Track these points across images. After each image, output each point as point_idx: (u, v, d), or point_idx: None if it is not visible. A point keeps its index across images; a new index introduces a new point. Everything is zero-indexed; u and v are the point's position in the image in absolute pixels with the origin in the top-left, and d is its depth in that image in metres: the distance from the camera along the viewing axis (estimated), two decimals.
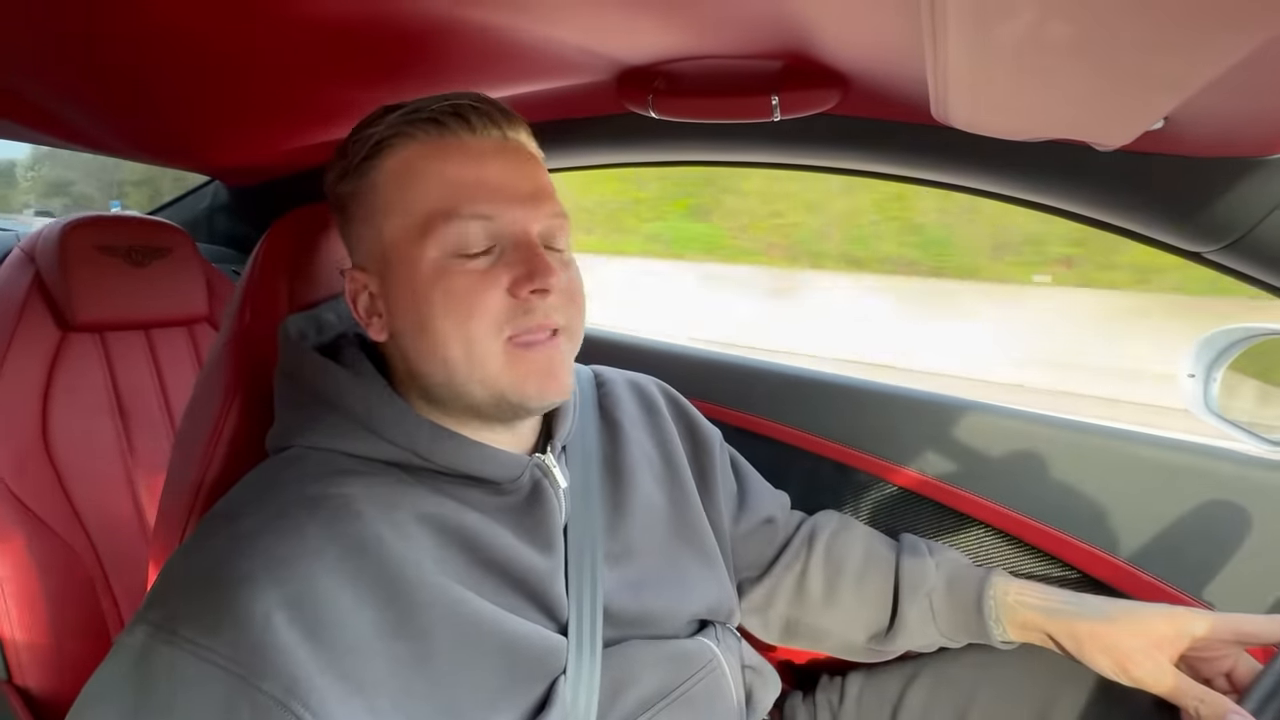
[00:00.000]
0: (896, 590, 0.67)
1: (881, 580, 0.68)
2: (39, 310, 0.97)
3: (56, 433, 0.94)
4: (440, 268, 0.47)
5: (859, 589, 0.69)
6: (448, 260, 0.47)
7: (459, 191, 0.47)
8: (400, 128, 0.49)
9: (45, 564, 0.88)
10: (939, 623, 0.65)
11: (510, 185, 0.49)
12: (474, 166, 0.48)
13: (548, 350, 0.49)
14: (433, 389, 0.50)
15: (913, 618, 0.66)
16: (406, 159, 0.49)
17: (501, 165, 0.49)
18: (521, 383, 0.48)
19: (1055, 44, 0.34)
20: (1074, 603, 0.60)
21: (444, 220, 0.47)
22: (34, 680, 0.84)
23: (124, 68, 0.73)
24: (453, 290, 0.46)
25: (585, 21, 0.57)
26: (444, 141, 0.49)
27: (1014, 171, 0.66)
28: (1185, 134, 0.50)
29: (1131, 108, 0.42)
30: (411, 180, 0.48)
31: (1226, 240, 0.58)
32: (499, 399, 0.48)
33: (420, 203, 0.48)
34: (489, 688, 0.45)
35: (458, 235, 0.47)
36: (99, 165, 2.62)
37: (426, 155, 0.48)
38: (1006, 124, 0.50)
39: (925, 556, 0.69)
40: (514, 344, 0.47)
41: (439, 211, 0.47)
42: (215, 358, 0.63)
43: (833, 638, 0.70)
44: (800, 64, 0.59)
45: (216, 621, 0.38)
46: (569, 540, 0.54)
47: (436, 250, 0.47)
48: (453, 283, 0.46)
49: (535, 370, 0.48)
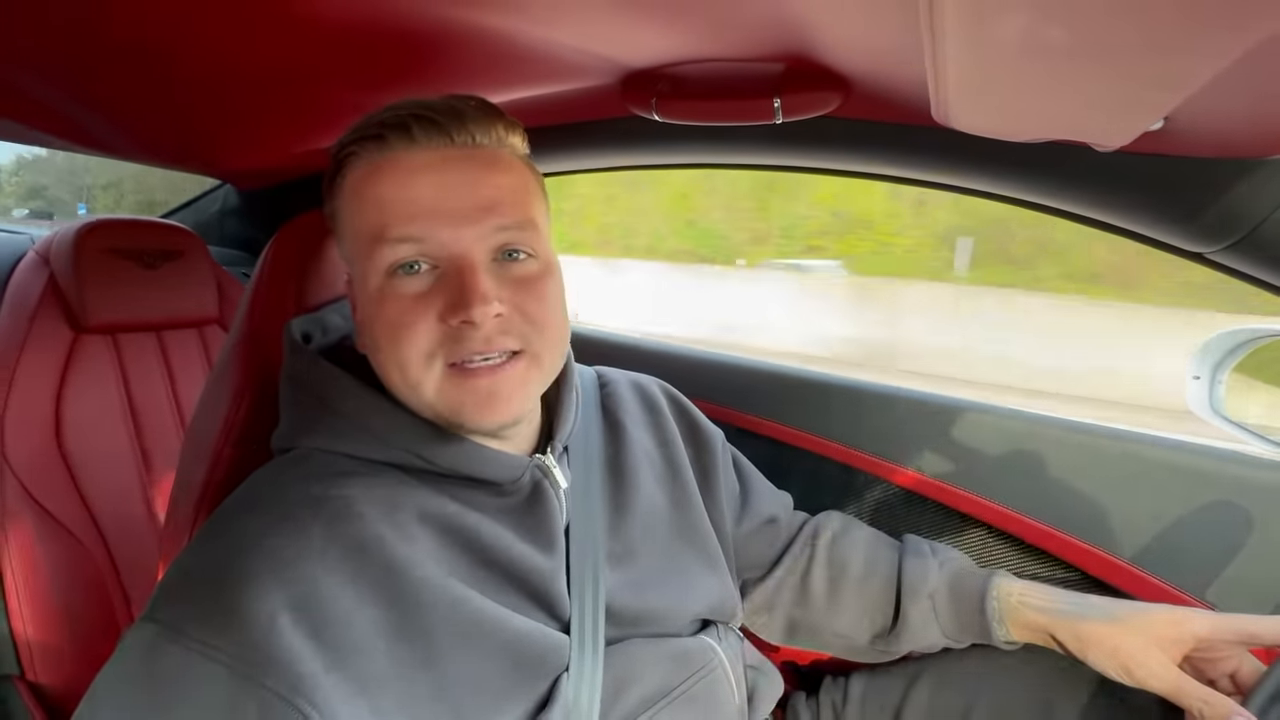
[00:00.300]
0: (899, 591, 0.67)
1: (884, 581, 0.68)
2: (53, 312, 0.99)
3: (69, 432, 0.95)
4: (380, 292, 0.46)
5: (861, 590, 0.69)
6: (386, 283, 0.46)
7: (387, 212, 0.45)
8: (349, 146, 0.48)
9: (58, 561, 0.90)
10: (942, 623, 0.65)
11: (446, 201, 0.46)
12: (405, 184, 0.46)
13: (491, 375, 0.46)
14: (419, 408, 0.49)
15: (915, 618, 0.66)
16: (356, 179, 0.48)
17: (439, 179, 0.46)
18: (458, 408, 0.46)
19: (1053, 45, 0.34)
20: (1077, 603, 0.60)
21: (376, 244, 0.45)
22: (45, 676, 0.85)
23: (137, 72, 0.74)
24: (387, 317, 0.46)
25: (589, 25, 0.58)
26: (382, 159, 0.47)
27: (1015, 173, 0.66)
28: (1185, 135, 0.50)
29: (1130, 108, 0.42)
30: (357, 201, 0.48)
31: (1228, 241, 0.58)
32: (442, 420, 0.47)
33: (361, 225, 0.47)
34: (492, 686, 0.46)
35: (390, 259, 0.45)
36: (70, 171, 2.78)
37: (368, 175, 0.47)
38: (1006, 125, 0.50)
39: (928, 557, 0.69)
40: (454, 369, 0.46)
41: (371, 235, 0.46)
42: (224, 359, 0.64)
43: (835, 638, 0.70)
44: (802, 67, 0.59)
45: (222, 621, 0.39)
46: (570, 540, 0.55)
47: (376, 275, 0.46)
48: (387, 308, 0.45)
49: (473, 396, 0.46)
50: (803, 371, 0.90)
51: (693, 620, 0.61)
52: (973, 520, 0.77)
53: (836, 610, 0.69)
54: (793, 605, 0.71)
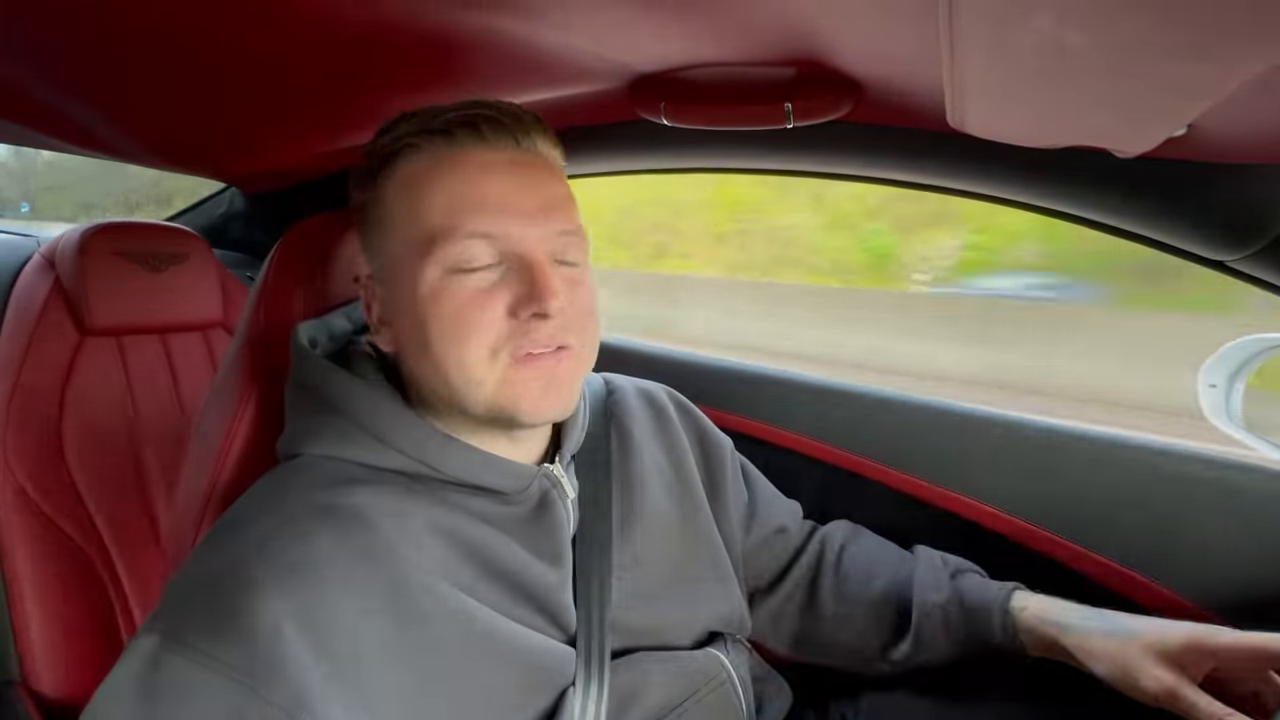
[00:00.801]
0: (910, 603, 0.66)
1: (895, 592, 0.67)
2: (58, 315, 0.99)
3: (72, 437, 0.95)
4: (439, 286, 0.46)
5: (871, 601, 0.68)
6: (448, 278, 0.46)
7: (461, 208, 0.46)
8: (408, 139, 0.48)
9: (60, 567, 0.89)
10: (954, 635, 0.64)
11: (516, 200, 0.47)
12: (479, 181, 0.47)
13: (549, 365, 0.47)
14: (437, 402, 0.50)
15: (927, 630, 0.65)
16: (413, 172, 0.48)
17: (509, 179, 0.48)
18: (517, 400, 0.47)
19: (1073, 50, 0.33)
20: (1091, 618, 0.59)
21: (445, 238, 0.45)
22: (47, 683, 0.85)
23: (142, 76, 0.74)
24: (450, 310, 0.45)
25: (599, 28, 0.57)
26: (450, 155, 0.47)
27: (1031, 179, 0.65)
28: (1209, 140, 0.49)
29: (1154, 115, 0.41)
30: (416, 195, 0.47)
31: (1251, 248, 0.57)
32: (496, 413, 0.48)
33: (423, 219, 0.47)
34: (497, 700, 0.45)
35: (459, 254, 0.46)
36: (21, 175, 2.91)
37: (432, 169, 0.48)
38: (1023, 130, 0.49)
39: (940, 569, 0.67)
40: (513, 360, 0.46)
41: (441, 229, 0.46)
42: (229, 363, 0.64)
43: (844, 650, 0.69)
44: (814, 71, 0.59)
45: (225, 630, 0.38)
46: (577, 551, 0.54)
47: (437, 268, 0.46)
48: (451, 302, 0.45)
49: (532, 389, 0.47)
50: (809, 378, 0.89)
51: (700, 632, 0.60)
52: (984, 530, 0.76)
53: (844, 622, 0.68)
54: (800, 616, 0.70)
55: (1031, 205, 0.67)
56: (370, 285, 0.52)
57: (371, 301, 0.52)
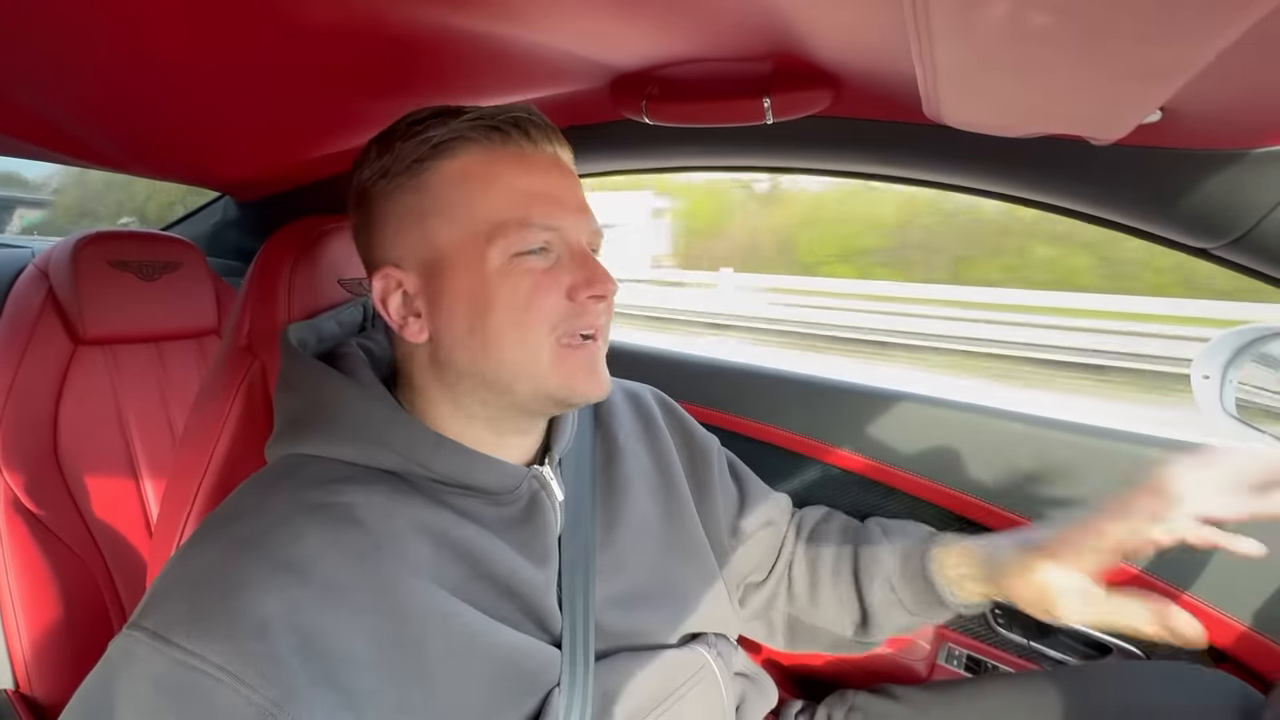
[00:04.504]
0: (859, 579, 0.67)
1: (850, 570, 0.68)
2: (52, 325, 0.99)
3: (66, 446, 0.95)
4: (504, 269, 0.48)
5: (835, 582, 0.68)
6: (515, 261, 0.48)
7: (530, 201, 0.48)
8: (462, 131, 0.49)
9: (54, 576, 0.89)
10: (905, 605, 0.64)
11: (568, 198, 0.50)
12: (540, 177, 0.50)
13: (590, 351, 0.50)
14: (471, 390, 0.50)
15: (878, 605, 0.65)
16: (468, 163, 0.49)
17: (559, 179, 0.51)
18: (570, 380, 0.49)
19: (1040, 33, 0.33)
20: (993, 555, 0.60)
21: (516, 228, 0.47)
22: (41, 691, 0.85)
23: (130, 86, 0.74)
24: (516, 290, 0.47)
25: (578, 27, 0.58)
26: (507, 150, 0.49)
27: (1012, 169, 0.65)
28: (1183, 126, 0.49)
29: (1123, 99, 0.41)
30: (474, 185, 0.48)
31: (1233, 235, 0.57)
32: (544, 396, 0.49)
33: (486, 208, 0.48)
34: (483, 702, 0.45)
35: (525, 241, 0.48)
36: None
37: (491, 161, 0.49)
38: (997, 120, 0.49)
39: (880, 542, 0.68)
40: (560, 345, 0.49)
41: (511, 220, 0.47)
42: (216, 367, 0.64)
43: (824, 635, 0.70)
44: (791, 65, 0.59)
45: (210, 627, 0.38)
46: (563, 554, 0.54)
47: (500, 254, 0.47)
48: (517, 283, 0.47)
49: (582, 369, 0.50)
50: (794, 374, 0.89)
51: (684, 633, 0.60)
52: (972, 524, 0.76)
53: (818, 606, 0.69)
54: (785, 604, 0.71)
55: (1011, 196, 0.68)
56: (392, 274, 0.50)
57: (390, 292, 0.50)
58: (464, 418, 0.51)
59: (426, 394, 0.52)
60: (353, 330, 0.62)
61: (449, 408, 0.51)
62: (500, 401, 0.50)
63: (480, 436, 0.51)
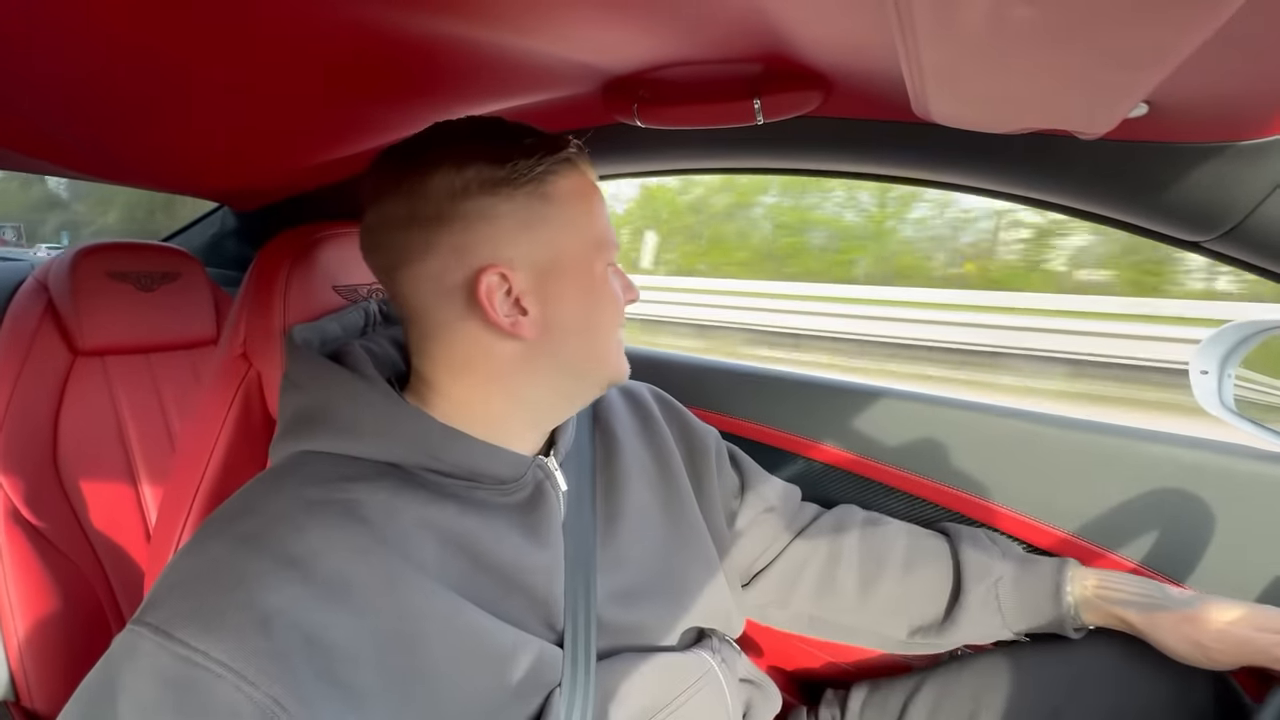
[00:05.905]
0: (959, 579, 0.66)
1: (937, 570, 0.67)
2: (51, 336, 1.00)
3: (65, 457, 0.96)
4: (604, 275, 0.54)
5: (905, 581, 0.68)
6: (607, 269, 0.55)
7: (607, 220, 0.56)
8: (569, 156, 0.53)
9: (54, 587, 0.89)
10: (1005, 612, 0.64)
11: None
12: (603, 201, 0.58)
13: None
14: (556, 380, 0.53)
15: (975, 606, 0.65)
16: (579, 183, 0.54)
17: None
18: (622, 363, 0.57)
19: (1022, 26, 0.34)
20: (1152, 593, 0.61)
21: (611, 244, 0.55)
22: (40, 701, 0.85)
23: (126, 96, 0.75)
24: (612, 295, 0.55)
25: (567, 31, 0.58)
26: (584, 176, 0.55)
27: (1004, 166, 0.65)
28: (1170, 120, 0.49)
29: (1108, 91, 0.41)
30: (589, 203, 0.54)
31: (1224, 228, 0.57)
32: (607, 380, 0.56)
33: (596, 223, 0.54)
34: (484, 701, 0.45)
35: (613, 256, 0.56)
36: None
37: (582, 186, 0.54)
38: (984, 116, 0.50)
39: (988, 545, 0.68)
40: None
41: (609, 237, 0.55)
42: (214, 373, 0.64)
43: (866, 632, 0.69)
44: (781, 66, 0.59)
45: (212, 624, 0.38)
46: (566, 546, 0.54)
47: (602, 263, 0.54)
48: (611, 289, 0.55)
49: (623, 355, 0.57)
50: (791, 374, 0.90)
51: (687, 630, 0.60)
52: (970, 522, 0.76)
53: (869, 604, 0.68)
54: (814, 601, 0.70)
55: (1005, 193, 0.68)
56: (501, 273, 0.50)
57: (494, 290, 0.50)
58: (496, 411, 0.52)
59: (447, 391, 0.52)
60: (355, 333, 0.63)
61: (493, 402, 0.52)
62: (574, 388, 0.55)
63: (497, 429, 0.52)
